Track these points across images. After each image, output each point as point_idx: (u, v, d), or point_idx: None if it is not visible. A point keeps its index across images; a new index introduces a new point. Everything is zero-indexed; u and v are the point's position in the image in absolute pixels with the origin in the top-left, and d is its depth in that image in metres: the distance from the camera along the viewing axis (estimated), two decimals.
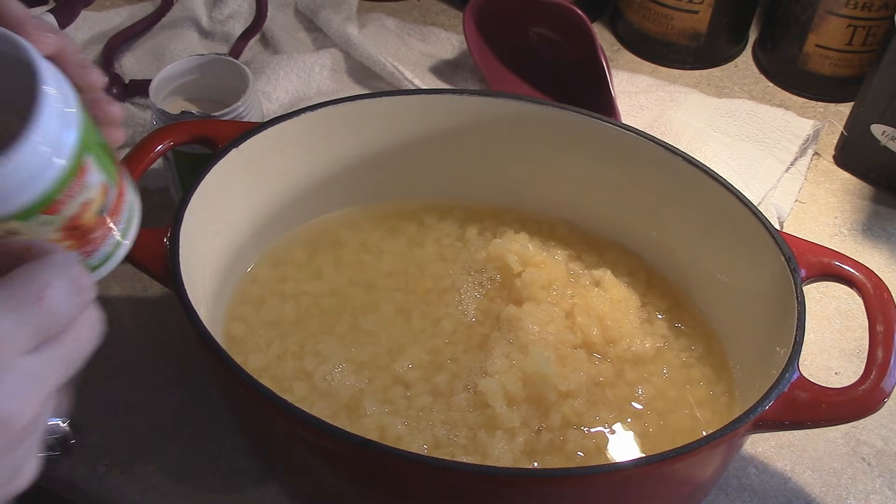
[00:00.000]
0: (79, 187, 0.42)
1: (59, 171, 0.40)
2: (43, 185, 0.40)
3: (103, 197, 0.44)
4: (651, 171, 0.65)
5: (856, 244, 0.79)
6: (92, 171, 0.43)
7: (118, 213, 0.47)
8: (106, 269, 0.47)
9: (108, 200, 0.45)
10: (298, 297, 0.66)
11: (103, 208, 0.45)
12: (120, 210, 0.47)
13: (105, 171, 0.44)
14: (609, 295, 0.66)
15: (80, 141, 0.41)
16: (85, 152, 0.42)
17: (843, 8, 0.85)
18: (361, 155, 0.69)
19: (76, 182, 0.42)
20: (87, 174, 0.42)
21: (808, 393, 0.50)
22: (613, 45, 1.00)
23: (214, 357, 0.50)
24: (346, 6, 0.96)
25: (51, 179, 0.40)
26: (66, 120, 0.40)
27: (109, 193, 0.45)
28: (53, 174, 0.40)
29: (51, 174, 0.40)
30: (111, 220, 0.46)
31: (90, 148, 0.42)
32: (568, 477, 0.48)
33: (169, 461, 0.61)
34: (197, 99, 0.75)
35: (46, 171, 0.40)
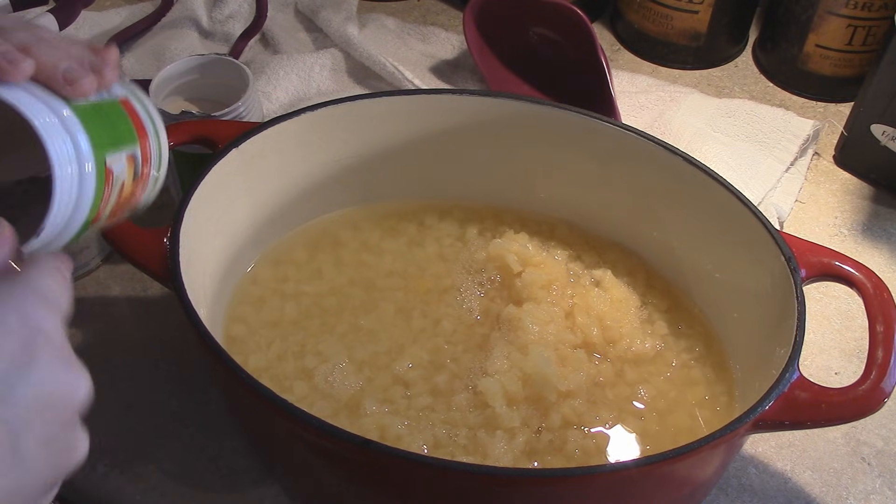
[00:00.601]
0: (109, 190, 0.43)
1: (88, 208, 0.42)
2: (80, 220, 0.42)
3: (132, 166, 0.45)
4: (651, 171, 0.65)
5: (856, 244, 0.79)
6: (115, 163, 0.43)
7: (148, 161, 0.47)
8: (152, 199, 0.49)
9: (136, 164, 0.46)
10: (299, 297, 0.66)
11: (136, 172, 0.46)
12: (148, 157, 0.47)
13: (125, 145, 0.44)
14: (609, 295, 0.66)
15: (97, 169, 0.42)
16: (103, 162, 0.42)
17: (843, 8, 0.85)
18: (361, 155, 0.69)
19: (106, 190, 0.43)
20: (113, 172, 0.43)
21: (808, 393, 0.50)
22: (613, 45, 1.00)
23: (214, 357, 0.50)
24: (346, 6, 0.96)
25: (83, 215, 0.42)
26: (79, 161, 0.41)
27: (136, 158, 0.45)
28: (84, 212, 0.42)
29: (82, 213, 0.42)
30: (145, 170, 0.47)
31: (105, 149, 0.42)
32: (568, 477, 0.48)
33: (169, 461, 0.61)
34: (197, 99, 0.75)
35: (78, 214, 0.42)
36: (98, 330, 0.68)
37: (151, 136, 0.48)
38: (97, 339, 0.68)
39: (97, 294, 0.71)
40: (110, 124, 0.44)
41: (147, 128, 0.48)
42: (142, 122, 0.47)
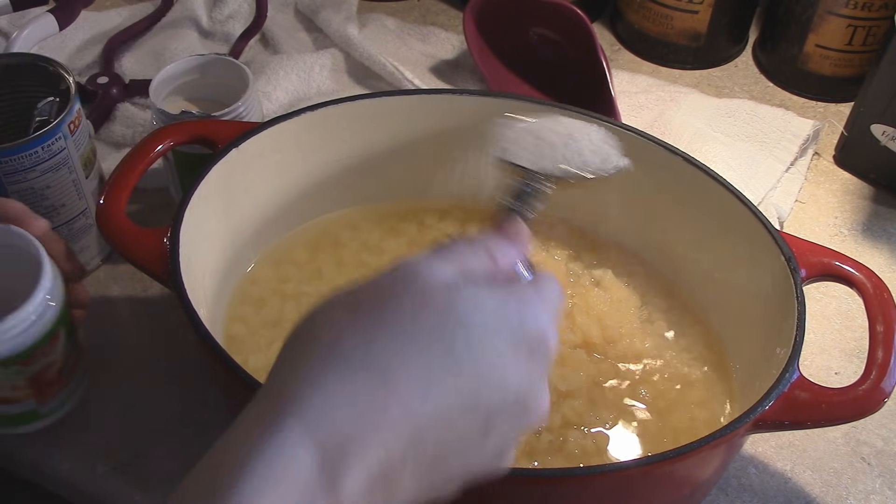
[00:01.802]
0: (50, 350, 0.56)
1: (40, 334, 0.54)
2: (26, 342, 0.53)
3: (64, 362, 0.58)
4: (651, 171, 0.65)
5: (856, 244, 0.79)
6: (61, 340, 0.56)
7: (72, 376, 0.60)
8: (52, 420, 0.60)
9: (67, 365, 0.58)
10: (299, 297, 0.66)
11: (62, 369, 0.58)
12: (73, 374, 0.60)
13: (70, 344, 0.58)
14: (609, 295, 0.66)
15: (58, 319, 0.55)
16: (60, 326, 0.56)
17: (843, 8, 0.85)
18: (361, 155, 0.69)
19: (49, 346, 0.55)
20: (58, 342, 0.56)
21: (808, 393, 0.50)
22: (613, 45, 1.00)
23: (214, 357, 0.50)
24: (346, 6, 0.96)
25: (31, 340, 0.54)
26: (50, 301, 0.54)
27: (69, 360, 0.58)
28: (36, 335, 0.54)
29: (34, 334, 0.54)
30: (67, 380, 0.59)
31: (64, 324, 0.56)
32: (568, 477, 0.48)
33: (169, 461, 0.61)
34: (197, 99, 0.75)
35: (32, 332, 0.54)
36: (98, 330, 0.68)
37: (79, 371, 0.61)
38: (97, 339, 0.68)
39: (97, 294, 0.71)
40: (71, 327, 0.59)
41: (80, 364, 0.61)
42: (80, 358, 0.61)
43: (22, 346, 0.54)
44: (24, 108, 0.66)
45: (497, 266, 0.41)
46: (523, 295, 0.40)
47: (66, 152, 0.64)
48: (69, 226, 0.68)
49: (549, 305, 0.41)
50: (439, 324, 0.36)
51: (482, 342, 0.37)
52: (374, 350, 0.35)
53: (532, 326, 0.39)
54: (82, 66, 0.91)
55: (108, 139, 0.82)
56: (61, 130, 0.63)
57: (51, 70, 0.66)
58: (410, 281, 0.38)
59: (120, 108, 0.84)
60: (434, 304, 0.37)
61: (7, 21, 0.93)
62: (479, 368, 0.37)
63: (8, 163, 0.62)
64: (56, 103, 0.65)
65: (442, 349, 0.36)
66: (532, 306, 0.40)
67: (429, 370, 0.36)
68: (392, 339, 0.36)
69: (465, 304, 0.37)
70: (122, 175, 0.59)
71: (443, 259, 0.39)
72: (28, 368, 0.55)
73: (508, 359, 0.38)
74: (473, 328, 0.37)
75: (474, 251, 0.41)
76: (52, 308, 0.55)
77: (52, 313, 0.55)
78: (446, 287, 0.38)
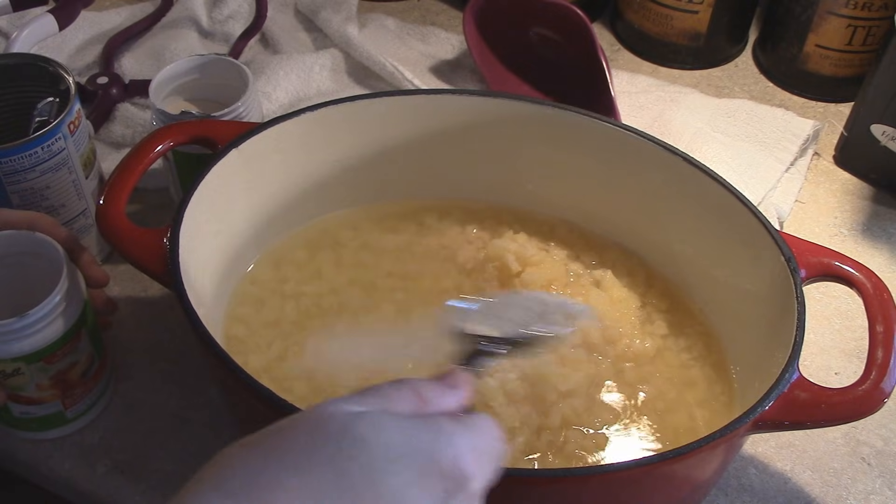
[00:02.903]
0: (71, 348, 0.57)
1: (62, 331, 0.56)
2: (49, 338, 0.55)
3: (88, 364, 0.59)
4: (651, 171, 0.65)
5: (856, 244, 0.79)
6: (83, 340, 0.58)
7: (97, 382, 0.61)
8: (78, 425, 0.62)
9: (91, 368, 0.60)
10: (299, 297, 0.66)
11: (86, 372, 0.59)
12: (98, 379, 0.61)
13: (93, 346, 0.60)
14: (609, 295, 0.66)
15: (79, 318, 0.57)
16: (81, 326, 0.57)
17: (843, 8, 0.85)
18: (361, 155, 0.69)
19: (71, 344, 0.57)
20: (80, 342, 0.58)
21: (808, 393, 0.50)
22: (613, 45, 1.00)
23: (214, 357, 0.50)
24: (346, 6, 0.96)
25: (54, 336, 0.56)
26: (72, 301, 0.56)
27: (93, 363, 0.60)
28: (58, 331, 0.56)
29: (56, 331, 0.56)
30: (92, 384, 0.61)
31: (85, 324, 0.58)
32: (568, 477, 0.48)
33: (169, 461, 0.61)
34: (197, 99, 0.75)
35: (54, 328, 0.55)
36: None
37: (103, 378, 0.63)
38: None
39: None
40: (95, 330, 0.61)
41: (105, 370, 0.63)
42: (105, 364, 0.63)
43: (44, 342, 0.55)
44: (24, 108, 0.66)
45: (425, 408, 0.38)
46: (444, 425, 0.36)
47: (66, 152, 0.64)
48: (69, 226, 0.68)
49: (475, 441, 0.36)
50: (334, 448, 0.34)
51: (383, 466, 0.33)
52: (260, 480, 0.33)
53: (447, 455, 0.35)
54: (82, 66, 0.91)
55: (107, 139, 0.82)
56: (61, 131, 0.63)
57: (50, 70, 0.66)
58: (313, 412, 0.36)
59: (120, 109, 0.84)
60: (330, 429, 0.34)
61: (7, 21, 0.93)
62: (381, 494, 0.33)
63: (8, 163, 0.62)
64: (56, 103, 0.65)
65: (334, 474, 0.33)
66: (450, 436, 0.35)
67: (318, 497, 0.33)
68: (282, 467, 0.33)
69: (364, 426, 0.34)
70: (122, 175, 0.59)
71: (360, 395, 0.37)
72: (51, 367, 0.57)
73: (416, 490, 0.34)
74: (373, 450, 0.34)
75: (399, 390, 0.38)
76: (73, 307, 0.56)
77: (73, 311, 0.56)
78: (348, 414, 0.35)
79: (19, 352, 0.55)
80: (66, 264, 0.56)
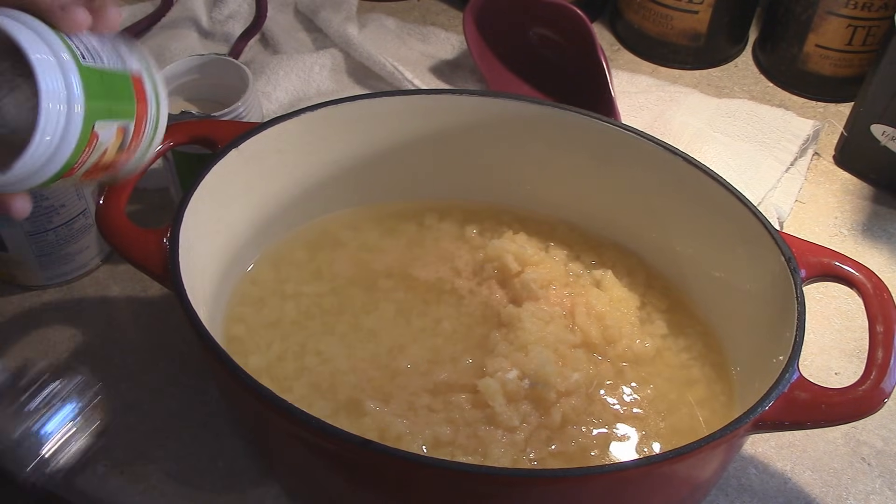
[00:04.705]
0: (90, 151, 0.45)
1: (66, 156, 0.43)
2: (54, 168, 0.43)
3: (120, 138, 0.47)
4: (651, 171, 0.65)
5: (856, 244, 0.79)
6: (103, 129, 0.45)
7: (138, 137, 0.48)
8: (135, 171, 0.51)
9: (125, 138, 0.47)
10: (298, 297, 0.66)
11: (122, 144, 0.47)
12: (140, 134, 0.48)
13: (120, 117, 0.46)
14: (609, 295, 0.66)
15: (85, 120, 0.43)
16: (92, 122, 0.44)
17: (843, 8, 0.85)
18: (361, 155, 0.69)
19: (86, 150, 0.44)
20: (99, 136, 0.45)
21: (808, 393, 0.50)
22: (613, 45, 1.00)
23: (214, 357, 0.50)
24: (346, 6, 0.96)
25: (60, 163, 0.43)
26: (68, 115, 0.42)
27: (127, 132, 0.47)
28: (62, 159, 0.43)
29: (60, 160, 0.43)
30: (133, 146, 0.48)
31: (97, 114, 0.44)
32: (568, 477, 0.48)
33: (169, 461, 0.61)
34: (197, 99, 0.75)
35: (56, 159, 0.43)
36: (98, 330, 0.68)
37: (150, 116, 0.48)
38: (97, 339, 0.68)
39: (97, 294, 0.71)
40: (112, 94, 0.45)
41: (149, 107, 0.48)
42: (146, 100, 0.48)
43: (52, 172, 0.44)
44: None
45: None
46: None
47: None
48: (69, 226, 0.68)
49: None
50: None
51: None
52: None
53: None
54: None
55: None
56: None
57: None
58: None
59: None
60: None
61: None
62: None
63: None
64: None
65: None
66: None
67: None
68: None
69: None
70: None
71: None
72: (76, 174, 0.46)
73: None
74: None
75: None
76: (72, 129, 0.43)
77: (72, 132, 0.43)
78: None
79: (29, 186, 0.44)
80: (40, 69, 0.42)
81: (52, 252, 0.69)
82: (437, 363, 0.62)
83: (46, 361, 0.48)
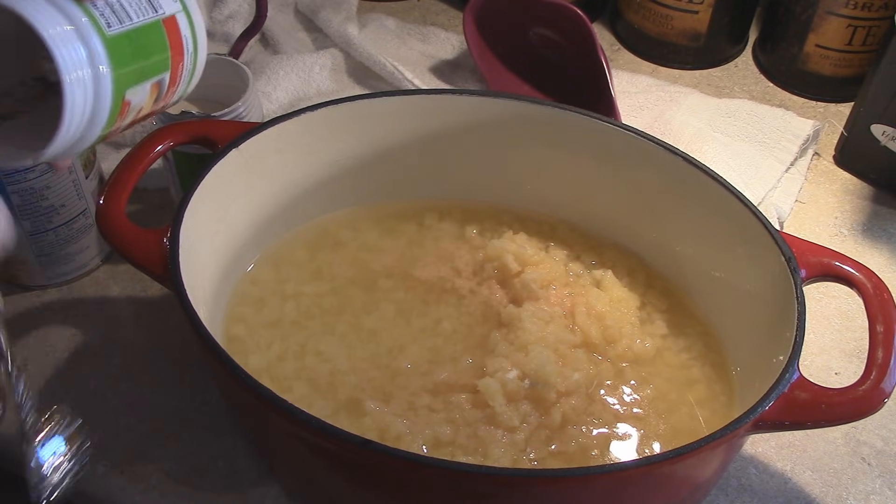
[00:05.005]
0: (124, 117, 0.43)
1: (99, 129, 0.42)
2: (89, 140, 0.42)
3: (155, 92, 0.45)
4: (651, 171, 0.65)
5: (856, 244, 0.79)
6: (135, 95, 0.43)
7: (175, 83, 0.47)
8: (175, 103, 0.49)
9: (161, 90, 0.45)
10: (299, 297, 0.66)
11: (159, 96, 0.45)
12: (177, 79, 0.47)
13: (152, 74, 0.44)
14: (609, 295, 0.66)
15: (114, 94, 0.41)
16: (122, 92, 0.42)
17: (843, 8, 0.85)
18: (361, 155, 0.69)
19: (120, 117, 0.43)
20: (131, 103, 0.43)
21: (808, 393, 0.50)
22: (613, 45, 1.00)
23: (214, 357, 0.50)
24: (346, 6, 0.96)
25: (94, 136, 0.42)
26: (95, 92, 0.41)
27: (163, 84, 0.45)
28: (95, 133, 0.42)
29: (92, 135, 0.42)
30: (171, 91, 0.47)
31: (127, 82, 0.42)
32: (568, 477, 0.48)
33: (169, 461, 0.61)
34: (197, 99, 0.75)
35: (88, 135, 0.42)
36: (98, 330, 0.68)
37: (188, 57, 0.47)
38: (97, 339, 0.68)
39: (97, 294, 0.71)
40: (143, 52, 0.43)
41: (185, 49, 0.46)
42: (181, 42, 0.46)
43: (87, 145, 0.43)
44: None
45: None
46: None
47: None
48: (69, 226, 0.68)
49: None
50: None
51: None
52: None
53: None
54: None
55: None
56: None
57: None
58: None
59: None
60: None
61: None
62: None
63: None
64: None
65: None
66: None
67: None
68: None
69: None
70: (121, 175, 0.58)
71: None
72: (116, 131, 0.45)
73: None
74: None
75: None
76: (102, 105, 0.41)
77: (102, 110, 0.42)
78: None
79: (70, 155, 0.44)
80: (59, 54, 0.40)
81: (52, 252, 0.69)
82: (437, 363, 0.62)
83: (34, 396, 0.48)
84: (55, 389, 0.65)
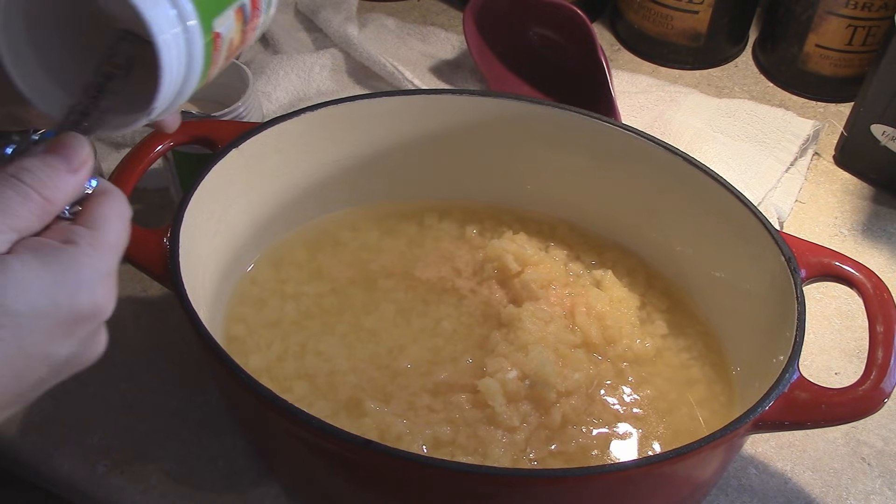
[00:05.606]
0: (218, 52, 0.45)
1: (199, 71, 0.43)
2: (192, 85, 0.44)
3: (241, 19, 0.46)
4: (651, 171, 0.65)
5: (856, 244, 0.79)
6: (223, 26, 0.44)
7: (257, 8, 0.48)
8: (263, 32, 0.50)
9: (245, 14, 0.47)
10: (299, 297, 0.66)
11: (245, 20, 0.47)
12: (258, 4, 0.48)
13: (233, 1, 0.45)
14: (609, 295, 0.66)
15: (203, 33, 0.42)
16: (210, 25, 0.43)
17: (843, 8, 0.85)
18: (361, 155, 0.69)
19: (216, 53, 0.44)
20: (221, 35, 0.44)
21: (808, 393, 0.50)
22: (613, 45, 1.00)
23: (214, 357, 0.50)
24: (346, 6, 0.96)
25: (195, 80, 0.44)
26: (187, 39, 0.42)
27: (245, 8, 0.46)
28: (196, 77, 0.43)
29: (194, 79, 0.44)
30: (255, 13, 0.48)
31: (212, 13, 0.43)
32: (568, 477, 0.48)
33: (169, 461, 0.61)
34: (197, 99, 0.75)
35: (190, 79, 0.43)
36: None
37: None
38: None
39: None
40: None
41: None
42: None
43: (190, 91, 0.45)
44: None
45: (53, 207, 0.39)
46: (75, 264, 0.38)
47: None
48: None
49: (104, 262, 0.39)
50: None
51: (30, 328, 0.37)
52: None
53: (86, 304, 0.39)
54: None
55: (108, 139, 0.82)
56: None
57: None
58: None
59: None
60: None
61: None
62: (26, 348, 0.37)
63: None
64: None
65: None
66: (85, 278, 0.38)
67: None
68: None
69: (12, 292, 0.36)
70: (122, 175, 0.58)
71: None
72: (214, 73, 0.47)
73: (57, 339, 0.38)
74: (21, 317, 0.36)
75: (25, 202, 0.38)
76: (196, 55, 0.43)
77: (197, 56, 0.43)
78: None
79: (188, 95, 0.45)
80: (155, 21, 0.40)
81: None
82: (438, 363, 0.62)
83: None
84: (54, 389, 0.65)
